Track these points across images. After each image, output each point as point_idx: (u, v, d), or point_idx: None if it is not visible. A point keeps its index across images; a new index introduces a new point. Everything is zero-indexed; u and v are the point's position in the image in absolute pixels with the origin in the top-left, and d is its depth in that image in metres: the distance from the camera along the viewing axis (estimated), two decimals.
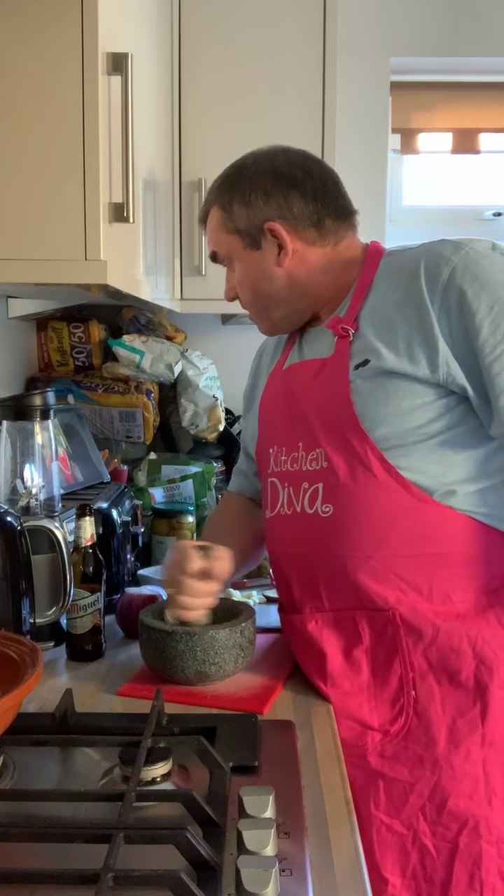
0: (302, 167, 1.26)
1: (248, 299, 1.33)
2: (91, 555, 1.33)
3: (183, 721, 1.05)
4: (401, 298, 1.15)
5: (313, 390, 1.23)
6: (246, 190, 1.25)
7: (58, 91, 1.13)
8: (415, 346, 1.13)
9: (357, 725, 1.17)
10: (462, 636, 1.14)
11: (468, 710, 1.14)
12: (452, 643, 1.14)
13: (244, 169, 1.28)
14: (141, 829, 0.79)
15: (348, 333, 1.20)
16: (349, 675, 1.18)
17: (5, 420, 1.37)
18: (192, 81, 1.96)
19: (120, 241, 1.29)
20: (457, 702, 1.15)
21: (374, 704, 1.17)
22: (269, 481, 1.30)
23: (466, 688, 1.14)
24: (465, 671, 1.14)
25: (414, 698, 1.15)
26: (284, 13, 1.95)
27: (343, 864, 0.81)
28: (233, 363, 2.36)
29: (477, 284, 1.10)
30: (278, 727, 1.08)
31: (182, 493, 2.01)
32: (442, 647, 1.15)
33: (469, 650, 1.14)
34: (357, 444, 1.16)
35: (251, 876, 0.72)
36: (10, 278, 1.19)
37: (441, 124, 2.49)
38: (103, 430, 2.12)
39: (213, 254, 1.34)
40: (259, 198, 1.24)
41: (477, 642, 1.14)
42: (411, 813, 1.15)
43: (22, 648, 0.97)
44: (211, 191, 1.32)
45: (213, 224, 1.30)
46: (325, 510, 1.18)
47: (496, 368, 1.09)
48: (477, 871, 1.13)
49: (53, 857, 0.78)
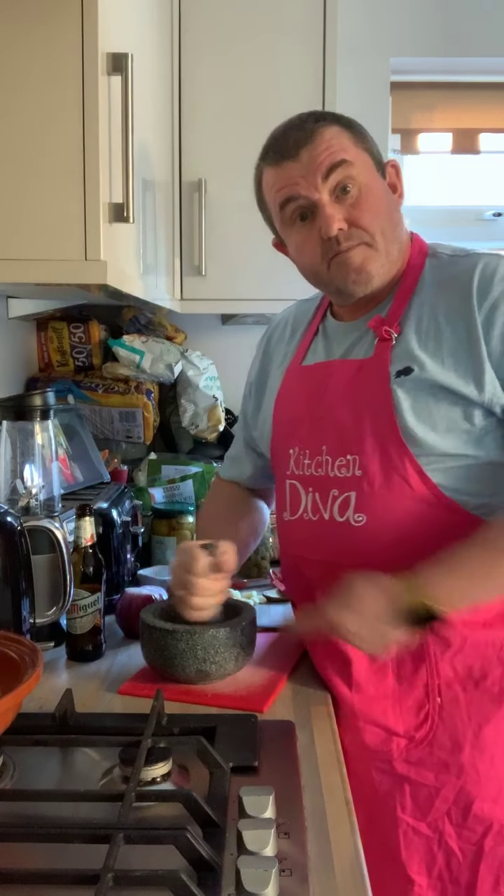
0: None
1: (375, 224, 1.16)
2: (91, 555, 1.33)
3: (183, 721, 1.05)
4: (450, 310, 1.13)
5: (350, 393, 1.19)
6: (359, 127, 1.21)
7: (58, 91, 1.13)
8: (462, 362, 1.11)
9: (382, 731, 1.16)
10: (488, 643, 1.14)
11: (493, 716, 1.14)
12: (478, 650, 1.14)
13: (343, 117, 1.22)
14: (141, 829, 0.79)
15: (391, 337, 1.16)
16: (374, 681, 1.17)
17: (5, 420, 1.37)
18: (192, 81, 1.95)
19: (120, 241, 1.29)
20: (482, 708, 1.14)
21: (399, 711, 1.16)
22: (287, 483, 1.27)
23: (492, 693, 1.14)
24: (491, 677, 1.14)
25: (439, 705, 1.15)
26: (284, 13, 1.95)
27: (343, 864, 0.81)
28: (233, 363, 2.36)
29: None
30: (278, 727, 1.08)
31: (182, 494, 2.01)
32: (469, 655, 1.14)
33: (495, 656, 1.14)
34: (395, 455, 1.13)
35: (251, 876, 0.72)
36: (10, 278, 1.19)
37: (441, 124, 2.49)
38: (103, 430, 2.12)
39: (334, 165, 1.14)
40: (370, 139, 1.21)
41: (503, 648, 1.14)
42: (437, 816, 1.15)
43: (22, 648, 0.97)
44: (315, 115, 1.19)
45: (338, 137, 1.16)
46: (358, 519, 1.16)
47: None
48: (502, 874, 1.14)
49: (53, 857, 0.78)
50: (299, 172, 1.15)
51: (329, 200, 1.15)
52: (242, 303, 2.07)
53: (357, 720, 1.16)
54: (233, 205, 1.97)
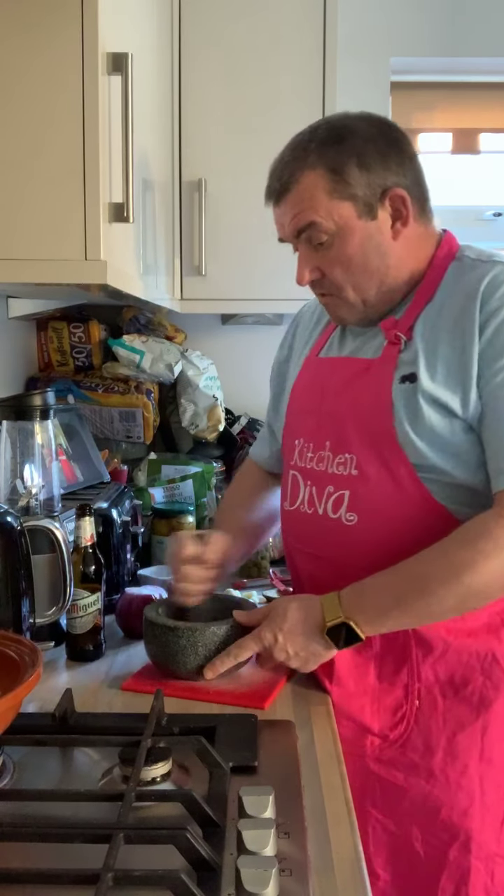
0: (398, 130, 1.16)
1: (344, 279, 1.16)
2: (91, 555, 1.33)
3: (183, 721, 1.05)
4: (453, 318, 1.11)
5: (353, 391, 1.18)
6: (361, 151, 1.10)
7: (58, 91, 1.13)
8: (452, 374, 1.09)
9: (356, 727, 1.17)
10: (472, 652, 1.13)
11: (469, 725, 1.14)
12: (461, 658, 1.14)
13: (349, 129, 1.12)
14: (141, 829, 0.79)
15: (400, 341, 1.14)
16: (355, 676, 1.17)
17: (5, 420, 1.37)
18: (192, 81, 1.95)
19: (120, 241, 1.29)
20: (459, 716, 1.14)
21: (377, 709, 1.17)
22: (290, 473, 1.27)
23: (470, 703, 1.14)
24: (471, 686, 1.14)
25: (417, 708, 1.15)
26: (284, 13, 1.95)
27: (343, 864, 0.81)
28: (233, 363, 2.36)
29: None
30: (278, 727, 1.08)
31: (182, 493, 2.01)
32: (451, 661, 1.14)
33: (478, 666, 1.13)
34: (392, 460, 1.12)
35: (251, 876, 0.72)
36: (10, 278, 1.19)
37: (441, 124, 2.49)
38: (103, 430, 2.12)
39: (301, 229, 1.14)
40: (377, 161, 1.11)
41: (486, 659, 1.13)
42: (404, 816, 1.15)
43: (22, 648, 0.97)
44: (301, 154, 1.14)
45: (311, 190, 1.12)
46: (350, 518, 1.16)
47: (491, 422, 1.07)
48: (464, 887, 1.13)
49: (53, 857, 0.78)
50: (281, 219, 1.19)
51: (304, 249, 1.17)
52: (242, 303, 2.07)
53: (335, 713, 1.16)
54: (233, 205, 1.97)
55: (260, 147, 1.99)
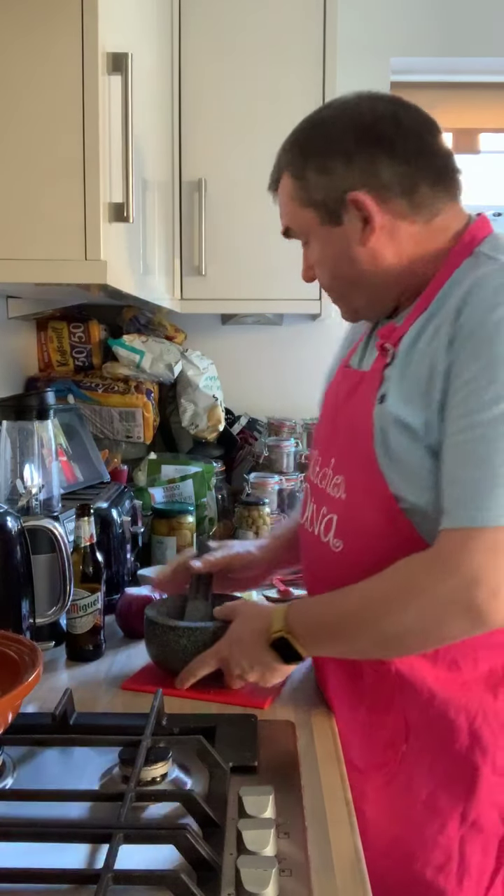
0: (392, 118, 1.03)
1: (326, 282, 1.12)
2: (91, 555, 1.33)
3: (183, 721, 1.05)
4: (436, 328, 0.97)
5: (348, 408, 1.09)
6: (323, 152, 1.03)
7: (58, 91, 1.13)
8: (419, 395, 0.96)
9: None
10: (460, 709, 1.02)
11: (453, 784, 1.03)
12: (448, 713, 1.02)
13: (320, 125, 1.06)
14: (141, 829, 0.79)
15: (387, 354, 1.03)
16: (350, 703, 1.11)
17: (5, 420, 1.37)
18: (192, 81, 1.95)
19: (120, 240, 1.29)
20: (445, 771, 1.04)
21: (368, 743, 1.08)
22: (305, 485, 1.19)
23: (456, 762, 1.03)
24: (458, 745, 1.03)
25: (403, 752, 1.05)
26: (284, 13, 1.95)
27: (343, 864, 0.81)
28: (233, 363, 2.36)
29: (476, 335, 0.91)
30: (278, 727, 1.08)
31: (182, 493, 2.01)
32: (437, 713, 1.03)
33: (465, 725, 1.02)
34: (375, 488, 1.01)
35: (251, 876, 0.72)
36: (10, 278, 1.19)
37: (441, 124, 2.48)
38: (103, 430, 2.12)
39: (285, 230, 1.13)
40: (339, 162, 1.02)
41: (476, 719, 1.02)
42: (380, 856, 0.96)
43: (22, 648, 0.97)
44: (281, 152, 1.10)
45: (284, 194, 1.09)
46: (336, 545, 1.07)
47: (449, 450, 0.92)
48: None
49: (53, 857, 0.78)
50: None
51: (303, 247, 1.14)
52: (242, 303, 2.07)
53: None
54: (233, 205, 1.97)
55: (260, 147, 1.99)
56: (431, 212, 1.03)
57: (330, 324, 2.32)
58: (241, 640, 1.09)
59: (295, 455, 2.18)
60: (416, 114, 1.06)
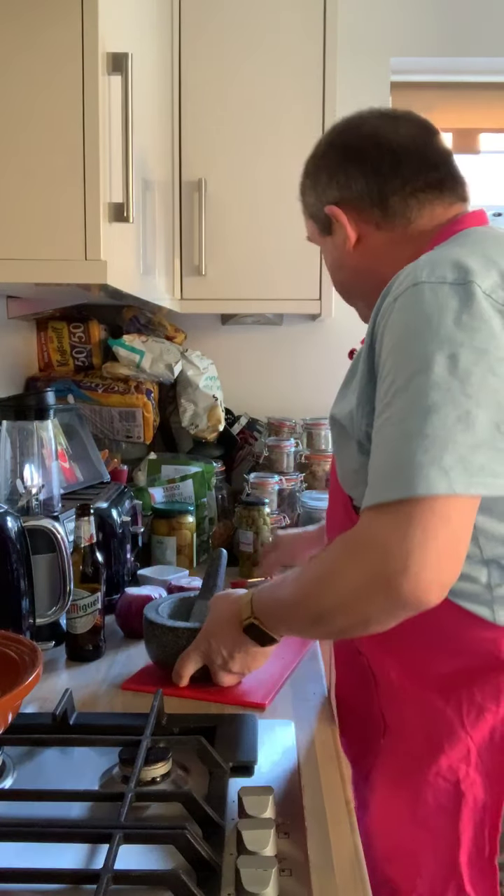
0: (374, 137, 1.09)
1: (335, 287, 1.21)
2: (91, 555, 1.33)
3: (183, 721, 1.05)
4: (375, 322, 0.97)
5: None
6: (314, 171, 1.14)
7: (58, 91, 1.13)
8: (345, 391, 1.00)
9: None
10: (423, 703, 1.02)
11: (408, 778, 1.03)
12: (412, 709, 1.03)
13: (317, 147, 1.15)
14: (141, 829, 0.79)
15: (353, 353, 1.07)
16: (347, 697, 1.14)
17: (5, 420, 1.37)
18: (192, 81, 1.95)
19: (120, 241, 1.29)
20: (401, 770, 1.04)
21: (355, 736, 1.11)
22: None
23: (413, 760, 1.03)
24: (414, 743, 1.03)
25: (380, 746, 1.07)
26: (284, 13, 1.95)
27: (343, 864, 0.81)
28: (233, 363, 2.36)
29: (392, 331, 0.90)
30: (278, 727, 1.08)
31: (182, 493, 2.01)
32: (404, 708, 1.04)
33: (425, 727, 1.02)
34: (337, 488, 1.06)
35: (251, 876, 0.72)
36: (10, 278, 1.19)
37: (441, 124, 2.46)
38: (103, 430, 2.12)
39: (309, 238, 1.24)
40: (323, 178, 1.12)
41: (434, 721, 1.01)
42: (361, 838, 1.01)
43: (22, 648, 0.97)
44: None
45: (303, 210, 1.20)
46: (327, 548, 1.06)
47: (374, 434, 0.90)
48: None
49: (53, 857, 0.78)
50: None
51: None
52: (242, 303, 2.06)
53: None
54: (233, 205, 1.98)
55: (260, 147, 2.00)
56: (407, 218, 1.07)
57: (330, 324, 2.33)
58: (218, 633, 1.11)
59: (295, 455, 2.18)
60: (406, 127, 1.10)
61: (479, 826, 0.99)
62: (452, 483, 0.80)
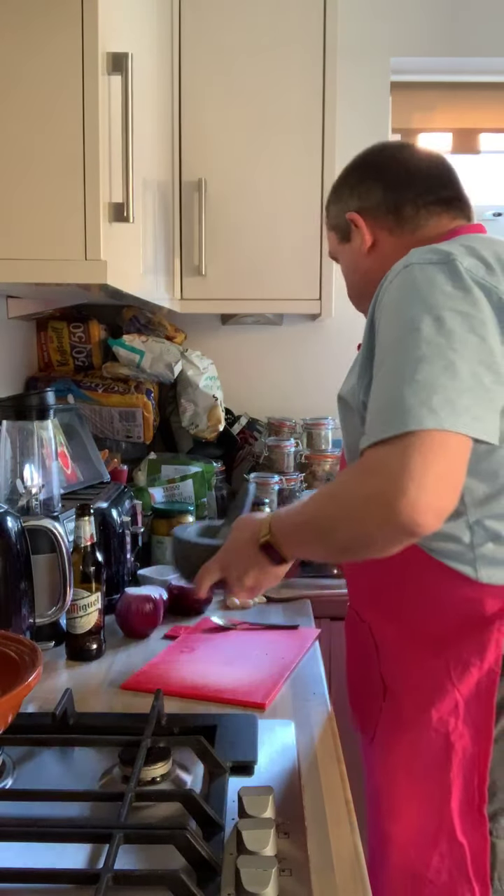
0: (392, 158, 1.24)
1: (349, 292, 1.33)
2: (91, 555, 1.33)
3: (183, 721, 1.05)
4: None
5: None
6: (338, 187, 1.28)
7: (58, 91, 1.13)
8: (353, 371, 1.11)
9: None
10: (424, 671, 1.09)
11: (399, 743, 1.11)
12: (413, 673, 1.10)
13: (344, 168, 1.29)
14: (141, 829, 0.79)
15: (360, 347, 1.13)
16: (352, 663, 1.23)
17: (5, 420, 1.37)
18: (192, 81, 1.95)
19: (120, 241, 1.29)
20: (399, 725, 1.11)
21: (360, 702, 1.20)
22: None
23: (427, 724, 1.09)
24: (429, 706, 1.09)
25: (380, 710, 1.14)
26: (284, 13, 1.95)
27: (343, 864, 0.81)
28: (233, 363, 2.36)
29: (387, 307, 1.02)
30: (278, 727, 1.08)
31: (182, 493, 2.01)
32: (404, 672, 1.12)
33: (424, 689, 1.09)
34: (343, 465, 1.18)
35: (251, 876, 0.72)
36: (10, 278, 1.19)
37: (441, 124, 2.49)
38: (103, 430, 2.12)
39: (329, 252, 1.37)
40: (346, 191, 1.25)
41: (428, 681, 1.09)
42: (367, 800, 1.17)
43: (22, 648, 0.97)
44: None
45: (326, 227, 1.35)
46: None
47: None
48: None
49: (53, 857, 0.78)
50: None
51: None
52: (242, 303, 2.06)
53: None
54: (233, 205, 1.97)
55: (260, 147, 2.00)
56: (416, 225, 1.20)
57: (330, 324, 2.33)
58: (237, 549, 1.17)
59: (295, 455, 2.18)
60: (422, 154, 1.24)
61: (468, 776, 1.06)
62: (442, 420, 0.89)
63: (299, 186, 1.98)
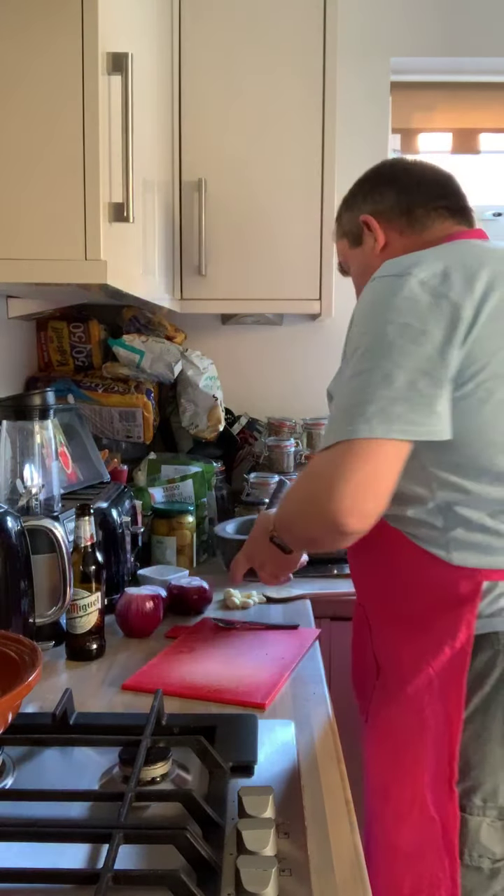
0: (403, 169, 1.32)
1: (358, 295, 1.32)
2: (91, 555, 1.33)
3: (183, 721, 1.05)
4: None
5: None
6: (349, 197, 1.36)
7: (58, 91, 1.13)
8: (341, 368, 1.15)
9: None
10: (414, 652, 1.13)
11: (383, 719, 1.16)
12: (402, 654, 1.14)
13: (356, 181, 1.36)
14: (141, 829, 0.79)
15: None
16: (358, 640, 1.28)
17: (5, 420, 1.37)
18: (192, 81, 1.95)
19: (120, 241, 1.29)
20: (385, 702, 1.17)
21: (358, 682, 1.26)
22: None
23: (411, 705, 1.14)
24: (411, 688, 1.13)
25: (374, 688, 1.20)
26: (284, 13, 1.95)
27: (343, 864, 0.81)
28: (233, 363, 2.36)
29: (353, 318, 1.11)
30: (278, 727, 1.08)
31: (182, 493, 2.01)
32: (392, 653, 1.16)
33: (405, 670, 1.14)
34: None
35: (251, 876, 0.72)
36: (10, 278, 1.19)
37: (441, 124, 2.49)
38: (103, 430, 2.12)
39: (339, 265, 1.45)
40: (359, 199, 1.33)
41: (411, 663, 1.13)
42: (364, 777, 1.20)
43: (22, 648, 0.97)
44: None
45: (336, 238, 1.42)
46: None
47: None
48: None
49: (53, 857, 0.78)
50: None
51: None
52: (242, 303, 2.06)
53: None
54: (233, 205, 1.97)
55: (260, 147, 2.00)
56: (424, 226, 1.27)
57: (330, 324, 2.33)
58: (256, 542, 1.34)
59: (295, 455, 2.18)
60: (430, 167, 1.32)
61: (440, 751, 1.09)
62: (373, 429, 0.99)
63: (299, 186, 1.98)
